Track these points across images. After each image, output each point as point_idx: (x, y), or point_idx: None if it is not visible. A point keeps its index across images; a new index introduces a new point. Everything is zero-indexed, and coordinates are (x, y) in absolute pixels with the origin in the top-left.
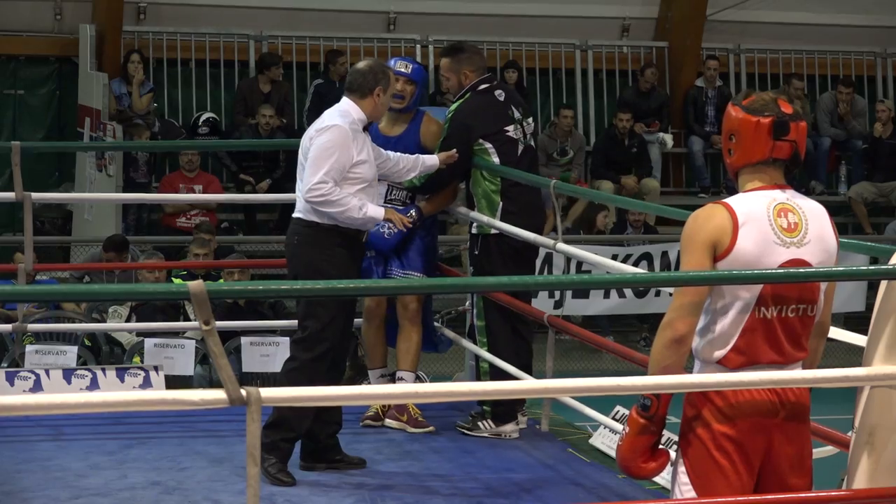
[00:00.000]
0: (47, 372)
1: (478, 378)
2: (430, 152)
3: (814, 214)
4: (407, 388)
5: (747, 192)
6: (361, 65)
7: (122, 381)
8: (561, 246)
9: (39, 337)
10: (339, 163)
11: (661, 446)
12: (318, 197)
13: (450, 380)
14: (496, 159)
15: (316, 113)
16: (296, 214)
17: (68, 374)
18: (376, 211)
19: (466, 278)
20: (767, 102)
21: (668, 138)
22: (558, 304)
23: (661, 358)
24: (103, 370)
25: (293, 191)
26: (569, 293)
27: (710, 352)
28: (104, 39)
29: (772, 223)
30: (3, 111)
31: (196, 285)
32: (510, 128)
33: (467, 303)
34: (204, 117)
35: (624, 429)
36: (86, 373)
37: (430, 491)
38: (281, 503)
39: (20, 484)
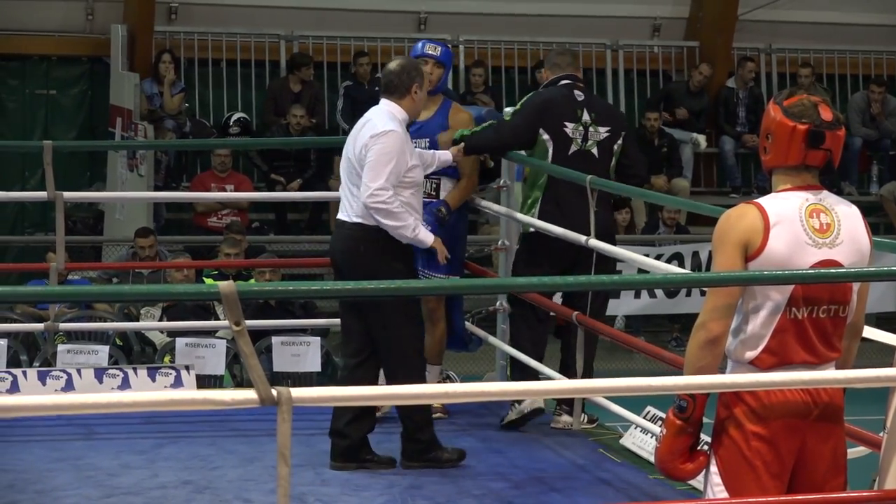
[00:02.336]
0: (79, 371)
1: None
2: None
3: (847, 215)
4: (438, 389)
5: (780, 192)
6: (394, 65)
7: (154, 380)
8: (593, 242)
9: (71, 336)
10: (396, 168)
11: (698, 448)
12: (377, 203)
13: (480, 379)
14: (550, 152)
15: (351, 115)
16: (354, 219)
17: (100, 373)
18: (426, 237)
19: (497, 279)
20: (808, 108)
21: (702, 139)
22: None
23: (696, 359)
24: (135, 369)
25: (324, 190)
26: None
27: (743, 352)
28: (136, 39)
29: (804, 224)
30: (35, 111)
31: (226, 286)
32: (570, 125)
33: (498, 303)
34: (235, 117)
35: (661, 430)
36: (117, 372)
37: (461, 490)
38: (312, 502)
39: (52, 482)
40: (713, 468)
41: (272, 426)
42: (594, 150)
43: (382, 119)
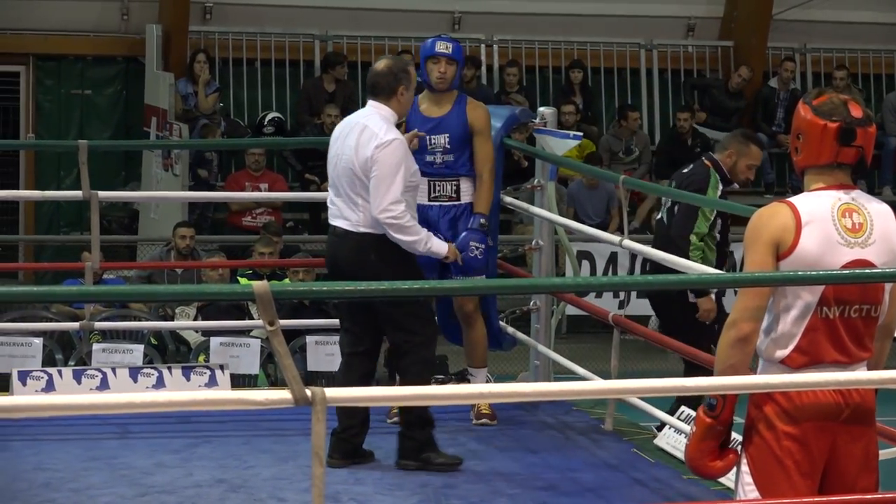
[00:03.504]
0: (114, 370)
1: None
2: (479, 134)
3: (879, 214)
4: (471, 389)
5: (812, 191)
6: (381, 65)
7: (188, 379)
8: (627, 243)
9: (106, 335)
10: (404, 177)
11: (729, 446)
12: (391, 219)
13: (514, 379)
14: None
15: None
16: (361, 229)
17: (135, 372)
18: (440, 247)
19: (532, 279)
20: (837, 106)
21: None
22: (623, 304)
23: (727, 357)
24: (169, 369)
25: None
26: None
27: (774, 351)
28: (170, 39)
29: (836, 223)
30: (70, 111)
31: (260, 286)
32: None
33: (532, 303)
34: (269, 117)
35: (691, 429)
36: (152, 371)
37: (495, 490)
38: (346, 501)
39: (87, 481)
40: (744, 467)
41: (306, 425)
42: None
43: (381, 126)
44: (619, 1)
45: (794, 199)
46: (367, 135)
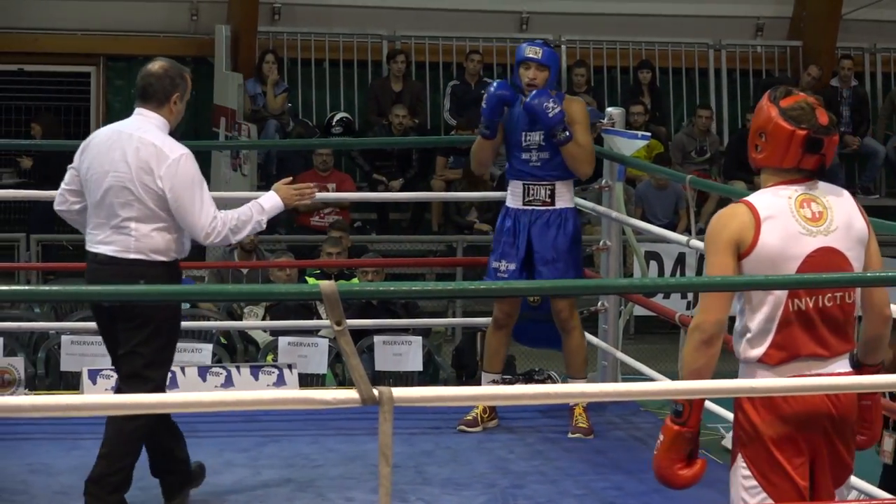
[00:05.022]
0: (183, 369)
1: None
2: (577, 124)
3: (839, 202)
4: (537, 389)
5: (768, 188)
6: (155, 66)
7: (256, 378)
8: (694, 242)
9: None
10: (206, 188)
11: (697, 455)
12: (219, 237)
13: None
14: None
15: (456, 114)
16: (131, 255)
17: (203, 371)
18: (272, 204)
19: (600, 279)
20: (806, 112)
21: None
22: (690, 304)
23: (692, 360)
24: (238, 368)
25: (425, 190)
26: None
27: (749, 350)
28: (239, 40)
29: (795, 215)
30: None
31: (328, 286)
32: None
33: (599, 303)
34: (338, 117)
35: (659, 437)
36: (221, 370)
37: (562, 491)
38: (413, 501)
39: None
40: (743, 471)
41: (374, 425)
42: None
43: (162, 139)
44: (687, 1)
45: (751, 198)
46: (147, 151)
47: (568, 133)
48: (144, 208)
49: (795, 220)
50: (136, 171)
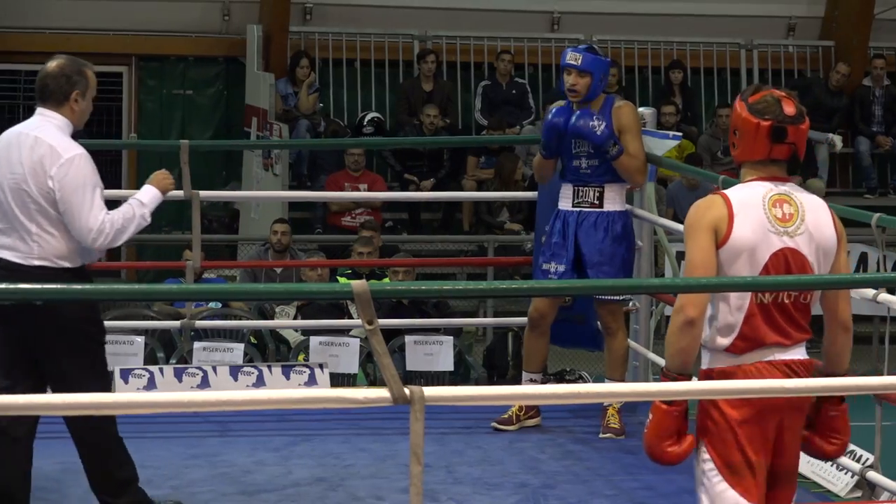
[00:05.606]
0: (214, 369)
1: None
2: (626, 132)
3: (812, 207)
4: (567, 389)
5: (746, 182)
6: (51, 66)
7: (288, 378)
8: None
9: (207, 334)
10: (100, 192)
11: (686, 433)
12: (105, 238)
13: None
14: None
15: (488, 114)
16: (33, 262)
17: (235, 370)
18: (150, 197)
19: (631, 279)
20: (770, 104)
21: (838, 139)
22: None
23: (676, 341)
24: (269, 367)
25: (457, 190)
26: None
27: (717, 340)
28: (271, 40)
29: (766, 211)
30: (172, 111)
31: (359, 285)
32: None
33: (630, 303)
34: (369, 117)
35: (649, 415)
36: (252, 370)
37: (593, 491)
38: (444, 500)
39: (188, 478)
40: (704, 455)
41: (405, 425)
42: None
43: (58, 139)
44: (719, 1)
45: (728, 191)
46: (41, 150)
47: (619, 147)
48: (44, 211)
49: (766, 217)
50: (29, 172)
